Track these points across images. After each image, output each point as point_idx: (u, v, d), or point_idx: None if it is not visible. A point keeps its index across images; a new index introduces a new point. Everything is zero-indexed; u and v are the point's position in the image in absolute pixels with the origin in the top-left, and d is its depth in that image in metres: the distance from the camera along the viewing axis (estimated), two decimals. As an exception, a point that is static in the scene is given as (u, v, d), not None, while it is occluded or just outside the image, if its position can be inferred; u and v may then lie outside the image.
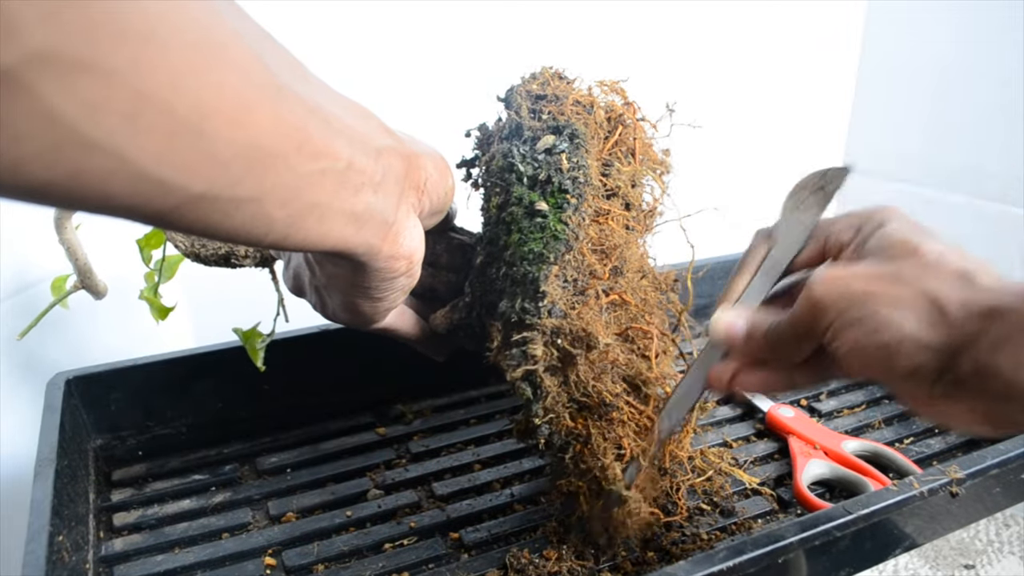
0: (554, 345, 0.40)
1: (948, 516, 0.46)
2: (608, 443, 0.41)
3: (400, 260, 0.37)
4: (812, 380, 0.40)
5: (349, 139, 0.32)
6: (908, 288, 0.33)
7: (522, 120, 0.45)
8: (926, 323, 0.32)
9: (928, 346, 0.32)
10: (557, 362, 0.40)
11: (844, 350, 0.34)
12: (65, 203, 0.24)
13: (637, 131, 0.48)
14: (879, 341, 0.33)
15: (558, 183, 0.42)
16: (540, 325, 0.40)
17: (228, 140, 0.25)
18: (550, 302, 0.40)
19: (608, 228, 0.44)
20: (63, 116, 0.21)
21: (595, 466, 0.41)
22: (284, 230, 0.30)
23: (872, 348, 0.33)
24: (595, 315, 0.41)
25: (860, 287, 0.34)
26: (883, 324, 0.33)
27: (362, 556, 0.48)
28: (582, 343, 0.40)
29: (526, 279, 0.41)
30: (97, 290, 0.54)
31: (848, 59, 1.10)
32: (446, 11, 0.79)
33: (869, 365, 0.34)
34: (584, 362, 0.40)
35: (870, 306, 0.33)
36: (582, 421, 0.41)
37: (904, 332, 0.32)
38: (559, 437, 0.42)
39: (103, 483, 0.54)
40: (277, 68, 0.28)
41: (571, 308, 0.41)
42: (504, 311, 0.42)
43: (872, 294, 0.34)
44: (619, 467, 0.41)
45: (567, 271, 0.41)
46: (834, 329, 0.35)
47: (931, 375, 0.32)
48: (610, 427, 0.41)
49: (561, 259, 0.41)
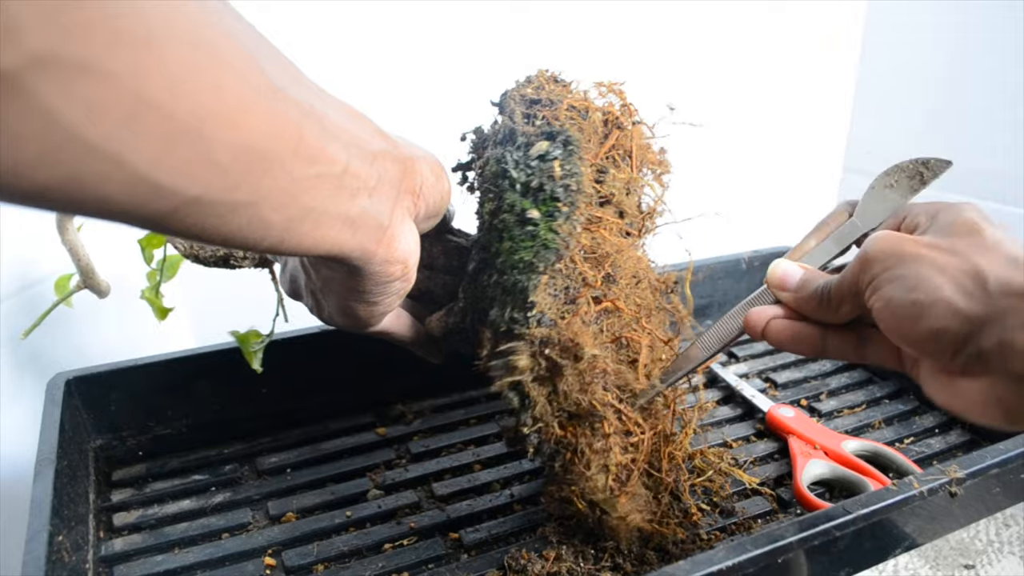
0: (542, 356, 0.40)
1: (948, 516, 0.46)
2: (596, 453, 0.40)
3: (395, 264, 0.37)
4: (841, 350, 0.41)
5: (345, 143, 0.32)
6: (956, 258, 0.34)
7: (515, 125, 0.45)
8: (963, 291, 0.33)
9: (959, 312, 0.33)
10: (545, 372, 0.40)
11: (879, 304, 0.35)
12: (63, 206, 0.24)
13: (635, 134, 0.48)
14: (913, 298, 0.34)
15: (550, 191, 0.42)
16: (529, 335, 0.40)
17: (225, 144, 0.25)
18: (539, 311, 0.40)
19: (600, 236, 0.43)
20: (61, 118, 0.21)
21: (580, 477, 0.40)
22: (280, 234, 0.30)
23: (906, 304, 0.34)
24: (584, 325, 0.41)
25: (911, 248, 0.35)
26: (921, 283, 0.34)
27: (362, 556, 0.48)
28: (570, 353, 0.40)
29: (516, 288, 0.41)
30: (100, 289, 0.54)
31: (848, 59, 1.10)
32: (443, 12, 0.79)
33: (899, 323, 0.35)
34: (572, 372, 0.40)
35: (914, 266, 0.35)
36: (571, 429, 0.41)
37: (938, 295, 0.33)
38: (548, 446, 0.41)
39: (103, 483, 0.54)
40: (273, 72, 0.28)
41: (561, 317, 0.40)
42: (494, 319, 0.41)
43: (921, 256, 0.35)
44: (605, 478, 0.41)
45: (557, 280, 0.41)
46: (876, 282, 0.36)
47: (955, 343, 0.33)
48: (599, 436, 0.41)
49: (551, 268, 0.41)
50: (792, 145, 1.09)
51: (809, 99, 1.09)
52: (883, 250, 0.36)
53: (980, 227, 0.36)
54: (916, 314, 0.34)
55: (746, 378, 0.68)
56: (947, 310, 0.33)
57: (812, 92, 1.09)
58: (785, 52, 1.04)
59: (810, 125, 1.11)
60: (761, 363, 0.71)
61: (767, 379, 0.68)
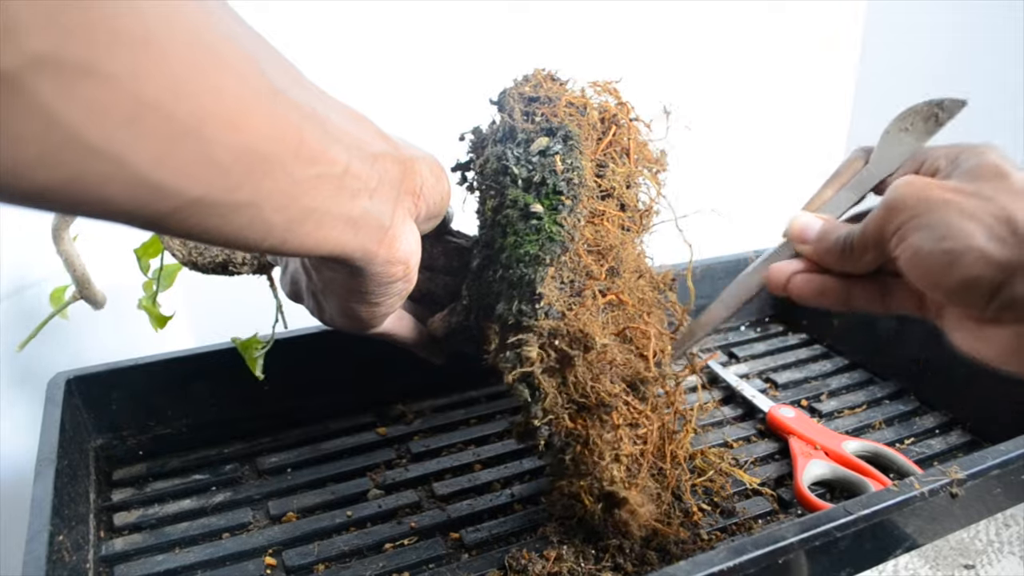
0: (551, 347, 0.40)
1: (949, 517, 0.46)
2: (606, 444, 0.41)
3: (397, 265, 0.37)
4: (866, 301, 0.40)
5: (346, 144, 0.32)
6: (986, 204, 0.33)
7: (515, 123, 0.45)
8: (995, 238, 0.32)
9: (991, 260, 0.32)
10: (555, 363, 0.40)
11: (908, 254, 0.34)
12: (64, 207, 0.24)
13: (631, 131, 0.48)
14: (944, 247, 0.33)
15: (553, 185, 0.42)
16: (537, 327, 0.40)
17: (226, 144, 0.25)
18: (547, 303, 0.40)
19: (604, 229, 0.44)
20: (62, 120, 0.21)
21: (595, 467, 0.41)
22: (281, 235, 0.30)
23: (937, 253, 0.33)
24: (592, 316, 0.41)
25: (938, 195, 0.34)
26: (952, 231, 0.33)
27: (362, 556, 0.48)
28: (580, 344, 0.40)
29: (522, 281, 0.41)
30: (96, 300, 0.53)
31: (848, 59, 1.10)
32: (441, 13, 0.79)
33: (929, 272, 0.34)
34: (582, 363, 0.40)
35: (942, 213, 0.33)
36: (582, 422, 0.41)
37: (971, 242, 0.32)
38: (559, 438, 0.41)
39: (103, 483, 0.54)
40: (274, 73, 0.28)
41: (568, 309, 0.40)
42: (501, 313, 0.41)
43: (948, 202, 0.34)
44: (617, 469, 0.41)
45: (563, 272, 0.41)
46: (903, 231, 0.35)
47: (987, 291, 0.32)
48: (608, 428, 0.41)
49: (557, 260, 0.41)
50: (792, 145, 1.09)
51: (809, 99, 1.09)
52: (909, 196, 0.35)
53: (1006, 170, 0.35)
54: (947, 263, 0.33)
55: (747, 378, 0.68)
56: (979, 258, 0.32)
57: (812, 92, 1.09)
58: (785, 52, 1.04)
59: (810, 125, 1.11)
60: (762, 363, 0.71)
61: (767, 379, 0.68)
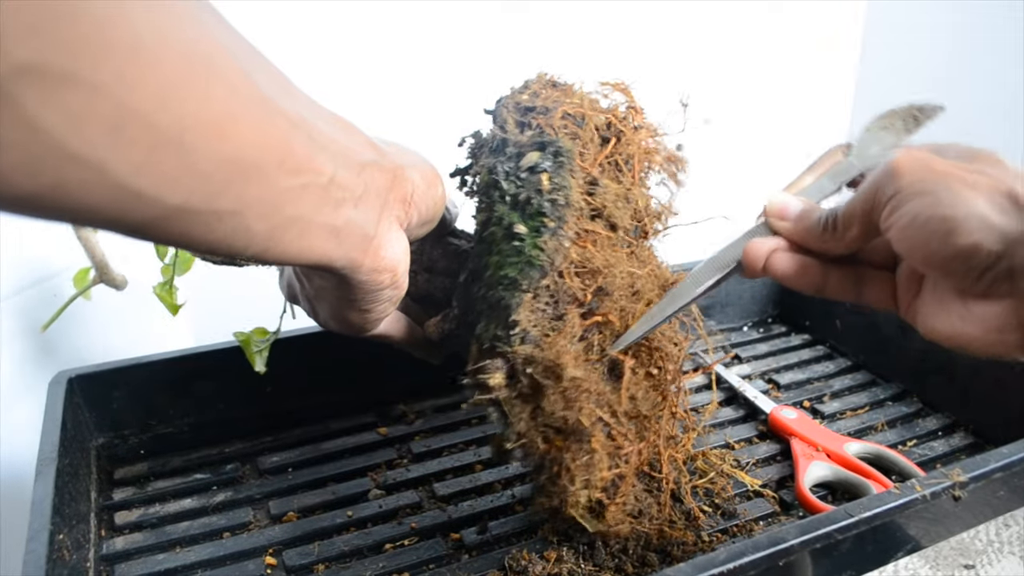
0: (525, 375, 0.39)
1: (951, 519, 0.46)
2: (580, 469, 0.39)
3: (383, 273, 0.37)
4: (841, 286, 0.39)
5: (332, 153, 0.32)
6: (987, 178, 0.33)
7: (507, 135, 0.44)
8: (998, 207, 0.32)
9: (993, 227, 0.32)
10: (528, 390, 0.39)
11: (904, 221, 0.34)
12: (48, 214, 0.24)
13: (639, 137, 0.47)
14: (944, 213, 0.32)
15: (537, 205, 0.41)
16: (511, 354, 0.39)
17: (210, 153, 0.25)
18: (522, 330, 0.39)
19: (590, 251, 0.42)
20: (46, 127, 0.21)
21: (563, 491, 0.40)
22: (264, 243, 0.30)
23: (936, 220, 0.32)
24: (569, 343, 0.40)
25: (940, 166, 0.34)
26: (953, 198, 0.32)
27: (363, 556, 0.48)
28: (551, 374, 0.39)
29: (500, 305, 0.40)
30: (115, 283, 0.55)
31: (848, 59, 1.10)
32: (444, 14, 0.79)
33: (925, 241, 0.33)
34: (554, 392, 0.39)
35: (944, 181, 0.33)
36: (557, 443, 0.40)
37: (972, 210, 0.32)
38: (533, 460, 0.41)
39: (105, 482, 0.54)
40: (262, 81, 0.28)
41: (545, 335, 0.39)
42: (480, 334, 0.41)
43: (950, 174, 0.33)
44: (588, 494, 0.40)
45: (542, 297, 0.40)
46: (899, 197, 0.34)
47: (986, 259, 0.32)
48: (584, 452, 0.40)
49: (536, 285, 0.40)
50: (792, 145, 1.08)
51: (809, 99, 1.09)
52: (909, 163, 0.34)
53: (1000, 158, 0.35)
54: (947, 229, 0.32)
55: (749, 379, 0.68)
56: (980, 224, 0.32)
57: (812, 92, 1.09)
58: (785, 52, 1.04)
59: (810, 125, 1.11)
60: (764, 364, 0.71)
61: (770, 380, 0.68)
